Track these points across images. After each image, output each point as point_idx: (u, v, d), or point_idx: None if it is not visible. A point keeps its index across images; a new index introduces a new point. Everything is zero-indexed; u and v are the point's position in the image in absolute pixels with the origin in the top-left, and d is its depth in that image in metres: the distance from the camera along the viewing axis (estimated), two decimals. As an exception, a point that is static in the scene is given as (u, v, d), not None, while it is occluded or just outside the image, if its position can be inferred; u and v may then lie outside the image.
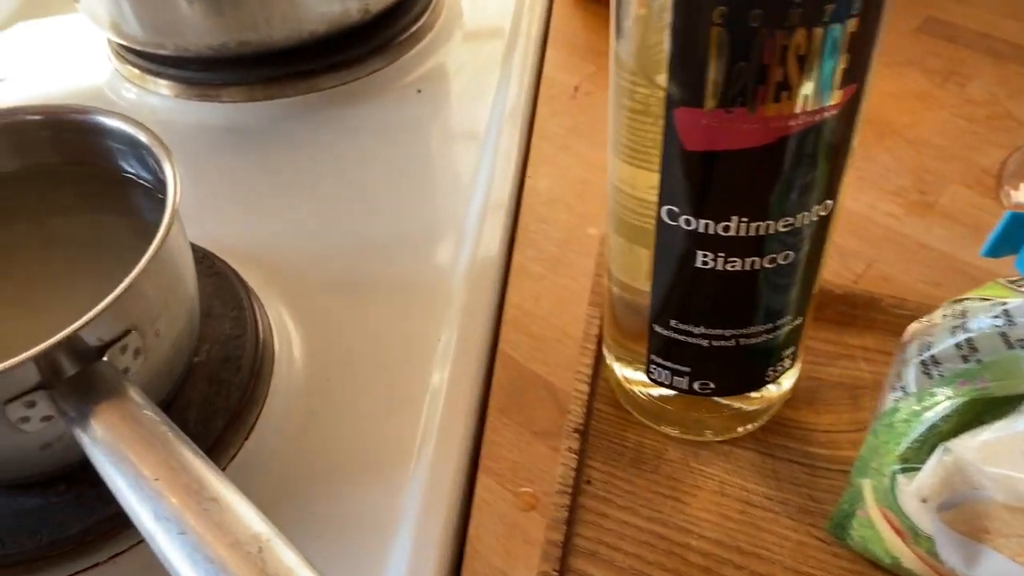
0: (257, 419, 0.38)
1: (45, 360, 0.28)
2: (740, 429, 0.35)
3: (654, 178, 0.27)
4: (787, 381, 0.34)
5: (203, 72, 0.58)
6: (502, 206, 0.47)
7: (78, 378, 0.29)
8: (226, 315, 0.40)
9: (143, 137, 0.34)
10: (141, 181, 0.36)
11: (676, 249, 0.28)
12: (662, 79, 0.24)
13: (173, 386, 0.36)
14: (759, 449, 0.34)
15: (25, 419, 0.29)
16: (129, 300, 0.30)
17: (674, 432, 0.35)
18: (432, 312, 0.43)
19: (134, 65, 0.60)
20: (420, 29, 0.61)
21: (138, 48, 0.57)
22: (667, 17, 0.23)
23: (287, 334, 0.42)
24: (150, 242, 0.33)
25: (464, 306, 0.42)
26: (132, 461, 0.27)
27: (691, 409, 0.34)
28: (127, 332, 0.31)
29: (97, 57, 0.64)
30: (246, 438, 0.37)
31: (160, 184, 0.34)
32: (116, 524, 0.33)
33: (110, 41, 0.63)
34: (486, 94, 0.57)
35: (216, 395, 0.37)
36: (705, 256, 0.28)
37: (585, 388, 0.35)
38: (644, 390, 0.34)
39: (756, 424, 0.35)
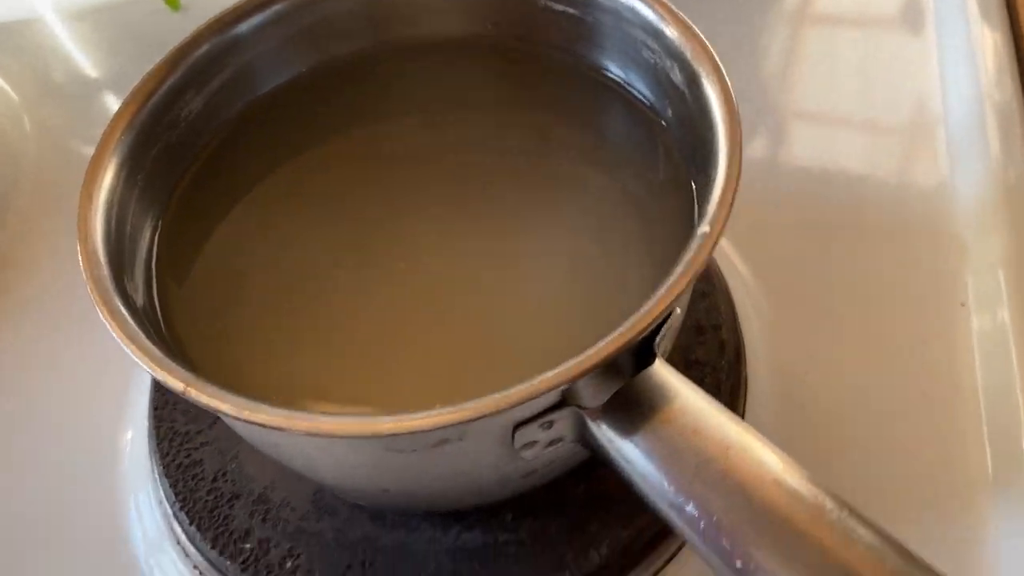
0: (743, 417, 0.26)
1: (585, 377, 0.17)
2: None
3: None
4: None
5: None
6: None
7: (626, 389, 0.18)
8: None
9: (677, 36, 0.21)
10: (631, 92, 0.24)
11: None
12: None
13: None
14: None
15: (531, 444, 0.19)
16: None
17: None
18: (945, 264, 0.29)
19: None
20: None
21: None
22: None
23: (743, 289, 0.30)
24: (633, 175, 0.22)
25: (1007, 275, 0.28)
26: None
27: None
28: (670, 314, 0.19)
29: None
30: (733, 448, 0.26)
31: (664, 111, 0.22)
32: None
33: None
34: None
35: (699, 383, 0.25)
36: None
37: None
38: None
39: None
